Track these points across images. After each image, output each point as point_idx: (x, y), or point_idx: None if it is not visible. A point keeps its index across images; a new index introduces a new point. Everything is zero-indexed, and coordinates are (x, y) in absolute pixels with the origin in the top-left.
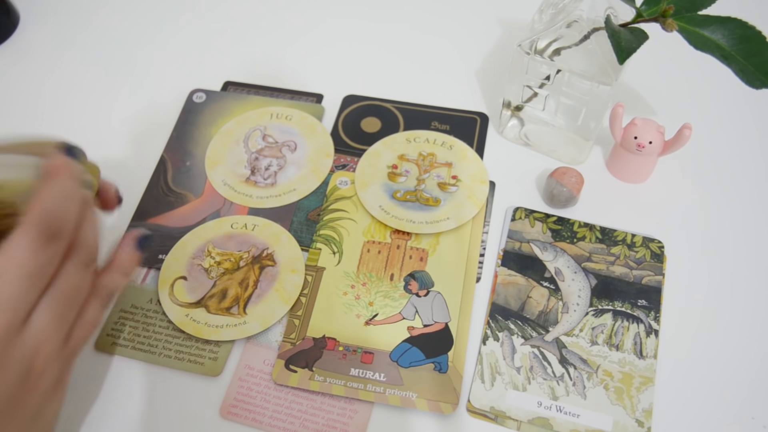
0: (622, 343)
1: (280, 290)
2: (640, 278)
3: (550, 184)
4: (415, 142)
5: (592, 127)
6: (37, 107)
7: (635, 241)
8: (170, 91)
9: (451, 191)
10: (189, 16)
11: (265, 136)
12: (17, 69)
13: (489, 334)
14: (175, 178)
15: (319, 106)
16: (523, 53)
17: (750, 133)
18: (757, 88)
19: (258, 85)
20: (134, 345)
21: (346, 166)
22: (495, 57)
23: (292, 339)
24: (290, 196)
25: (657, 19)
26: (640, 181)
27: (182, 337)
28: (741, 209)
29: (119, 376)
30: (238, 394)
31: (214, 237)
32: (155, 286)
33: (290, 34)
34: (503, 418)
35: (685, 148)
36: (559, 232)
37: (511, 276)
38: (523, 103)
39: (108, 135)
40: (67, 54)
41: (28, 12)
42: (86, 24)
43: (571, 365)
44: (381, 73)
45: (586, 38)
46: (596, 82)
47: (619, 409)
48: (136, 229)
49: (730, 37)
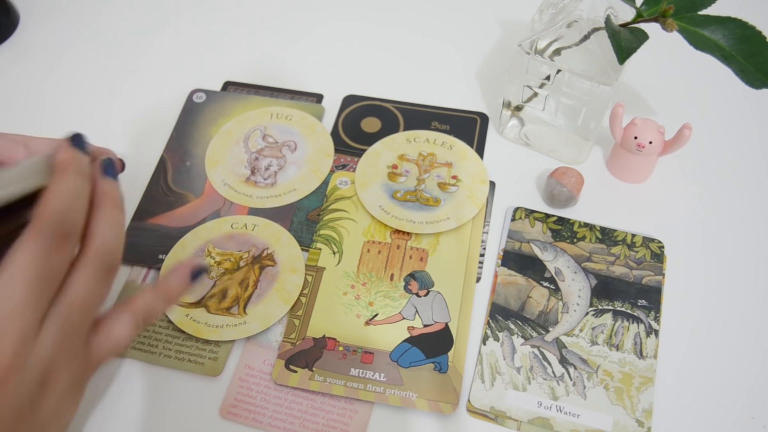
0: (622, 343)
1: (280, 290)
2: (640, 278)
3: (550, 184)
4: (415, 142)
5: (592, 127)
6: (37, 107)
7: (635, 241)
8: (170, 91)
9: (451, 191)
10: (189, 16)
11: (265, 136)
12: (17, 69)
13: (489, 334)
14: (175, 178)
15: (319, 106)
16: (523, 53)
17: (750, 133)
18: (757, 88)
19: (258, 85)
20: (134, 345)
21: (346, 166)
22: (495, 57)
23: (292, 339)
24: (290, 196)
25: (657, 19)
26: (640, 181)
27: (182, 337)
28: (741, 209)
29: (119, 376)
30: (238, 394)
31: (214, 237)
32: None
33: (290, 34)
34: (503, 418)
35: (685, 148)
36: (559, 232)
37: (511, 276)
38: (523, 103)
39: (108, 135)
40: (67, 54)
41: (28, 12)
42: (86, 24)
43: (571, 365)
44: (381, 73)
45: (586, 38)
46: (596, 82)
47: (619, 409)
48: (195, 260)
49: (730, 37)
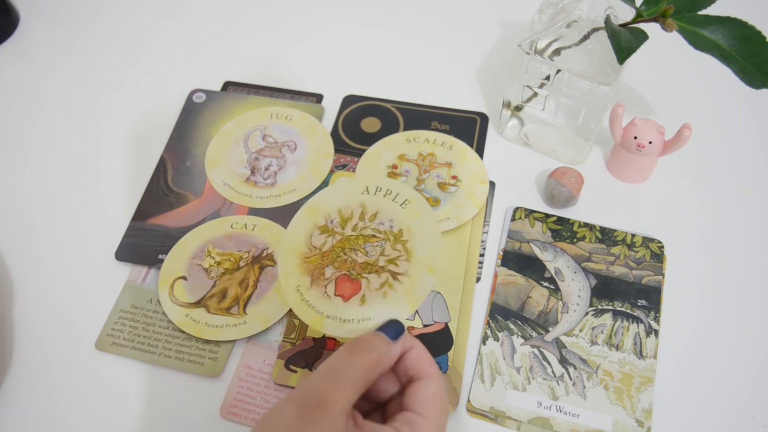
0: (621, 343)
1: (280, 290)
2: (640, 278)
3: (550, 184)
4: (415, 142)
5: (592, 127)
6: (37, 107)
7: (635, 241)
8: (170, 91)
9: (451, 191)
10: (189, 16)
11: (265, 136)
12: (17, 69)
13: (489, 334)
14: (175, 178)
15: (319, 106)
16: (523, 53)
17: (750, 132)
18: (757, 88)
19: (258, 85)
20: (134, 345)
21: (346, 166)
22: (495, 57)
23: (292, 339)
24: (290, 196)
25: (657, 19)
26: (640, 181)
27: (182, 337)
28: (741, 209)
29: (119, 376)
30: (238, 394)
31: (214, 237)
32: (155, 286)
33: (290, 34)
34: (503, 418)
35: (685, 148)
36: (559, 232)
37: (511, 276)
38: (523, 103)
39: (108, 135)
40: (67, 54)
41: (28, 12)
42: (86, 24)
43: (571, 365)
44: (381, 73)
45: (586, 38)
46: (596, 82)
47: (619, 409)
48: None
49: (730, 37)
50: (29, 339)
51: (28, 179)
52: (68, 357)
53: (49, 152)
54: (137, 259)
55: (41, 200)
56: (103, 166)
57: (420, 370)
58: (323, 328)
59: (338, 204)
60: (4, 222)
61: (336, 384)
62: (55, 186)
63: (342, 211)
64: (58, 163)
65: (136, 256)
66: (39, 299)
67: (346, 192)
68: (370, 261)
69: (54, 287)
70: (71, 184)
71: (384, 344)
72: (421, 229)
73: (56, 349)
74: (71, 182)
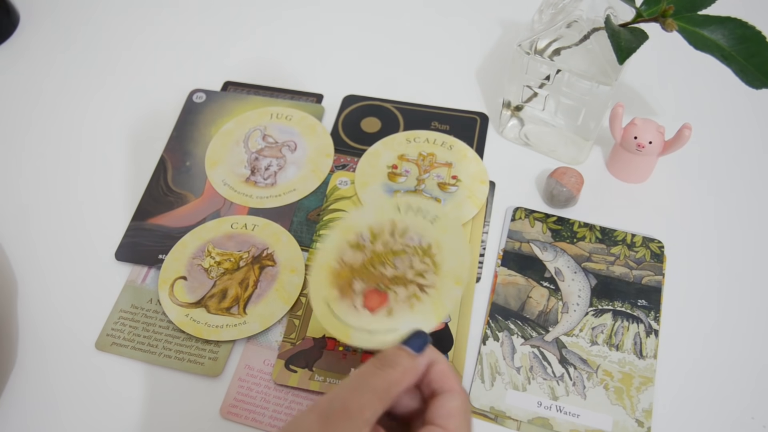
0: (622, 343)
1: (280, 290)
2: (640, 278)
3: (550, 184)
4: (415, 142)
5: (592, 127)
6: (37, 107)
7: (635, 241)
8: (170, 91)
9: (451, 191)
10: (189, 16)
11: (265, 136)
12: (17, 69)
13: (489, 334)
14: (175, 178)
15: (319, 106)
16: (523, 53)
17: (750, 133)
18: (757, 88)
19: (258, 85)
20: (134, 345)
21: (346, 166)
22: (495, 57)
23: (292, 339)
24: (290, 196)
25: (657, 19)
26: (640, 181)
27: (182, 337)
28: (741, 209)
29: (119, 376)
30: (238, 394)
31: (214, 237)
32: (155, 286)
33: (290, 34)
34: (503, 418)
35: (685, 148)
36: (559, 232)
37: (511, 276)
38: (523, 103)
39: (108, 135)
40: (66, 54)
41: (28, 12)
42: (86, 24)
43: (571, 365)
44: (381, 73)
45: (586, 38)
46: (596, 82)
47: (619, 409)
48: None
49: (730, 37)
50: (29, 339)
51: (27, 179)
52: (68, 357)
53: (49, 152)
54: (137, 259)
55: (41, 200)
56: (103, 166)
57: (444, 384)
58: (350, 340)
59: (369, 222)
60: (4, 222)
61: (360, 393)
62: (54, 186)
63: (373, 228)
64: (58, 163)
65: (136, 256)
66: (39, 299)
67: (378, 210)
68: (398, 274)
69: (54, 287)
70: (71, 184)
71: (408, 358)
72: (449, 244)
73: (56, 349)
74: (71, 182)
